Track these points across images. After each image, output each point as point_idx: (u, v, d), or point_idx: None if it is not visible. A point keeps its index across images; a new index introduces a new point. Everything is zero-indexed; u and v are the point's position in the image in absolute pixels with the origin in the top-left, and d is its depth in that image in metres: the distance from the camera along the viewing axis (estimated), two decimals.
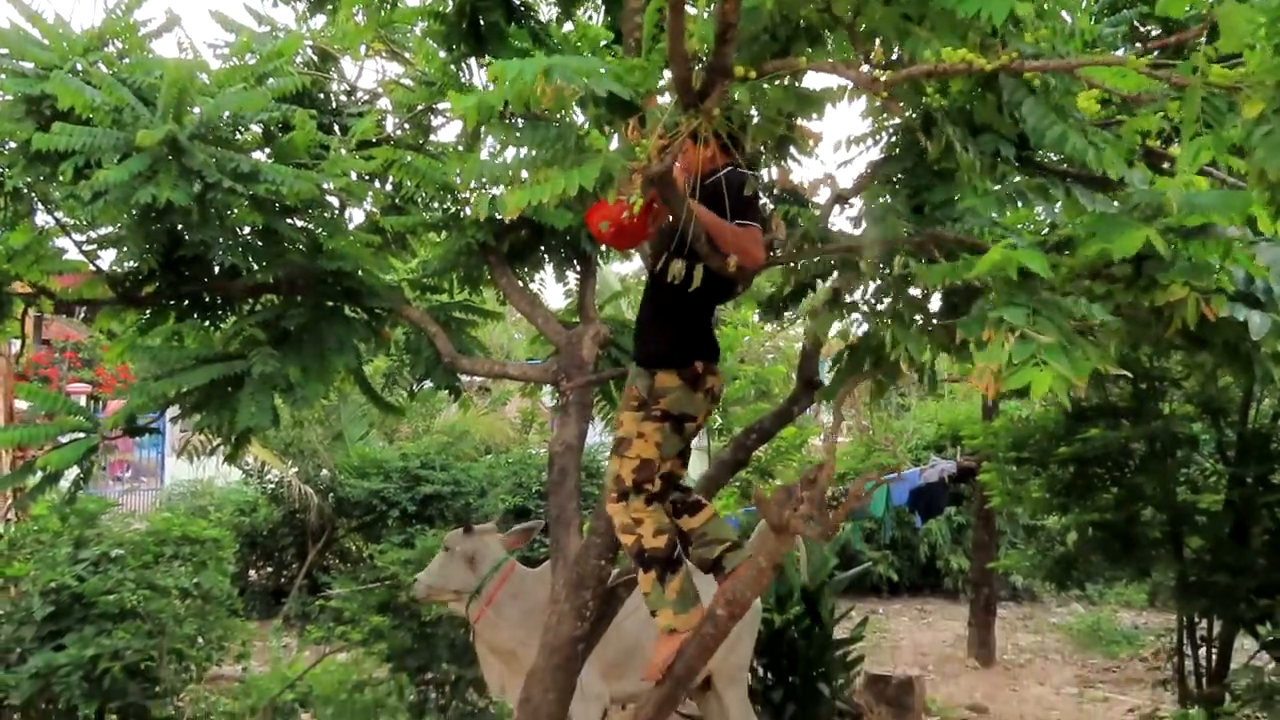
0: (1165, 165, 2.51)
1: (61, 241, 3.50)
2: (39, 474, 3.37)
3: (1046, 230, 2.95)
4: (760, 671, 5.75)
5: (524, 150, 2.16)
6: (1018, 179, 2.33)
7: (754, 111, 2.28)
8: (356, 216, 3.88)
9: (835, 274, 2.59)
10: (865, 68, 2.10)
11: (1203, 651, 5.44)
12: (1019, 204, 2.21)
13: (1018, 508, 7.02)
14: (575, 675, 3.15)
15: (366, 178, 3.62)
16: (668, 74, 2.18)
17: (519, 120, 2.29)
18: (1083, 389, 1.71)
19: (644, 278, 3.12)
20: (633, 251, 3.87)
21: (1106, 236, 1.87)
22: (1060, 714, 6.98)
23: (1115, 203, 2.11)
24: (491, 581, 4.38)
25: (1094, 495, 5.56)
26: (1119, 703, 7.16)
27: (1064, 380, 1.65)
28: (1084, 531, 5.69)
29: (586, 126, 2.18)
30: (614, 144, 2.21)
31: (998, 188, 2.32)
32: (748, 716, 4.84)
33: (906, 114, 2.34)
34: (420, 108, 3.71)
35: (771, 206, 3.63)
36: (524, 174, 2.10)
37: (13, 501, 5.40)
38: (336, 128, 3.79)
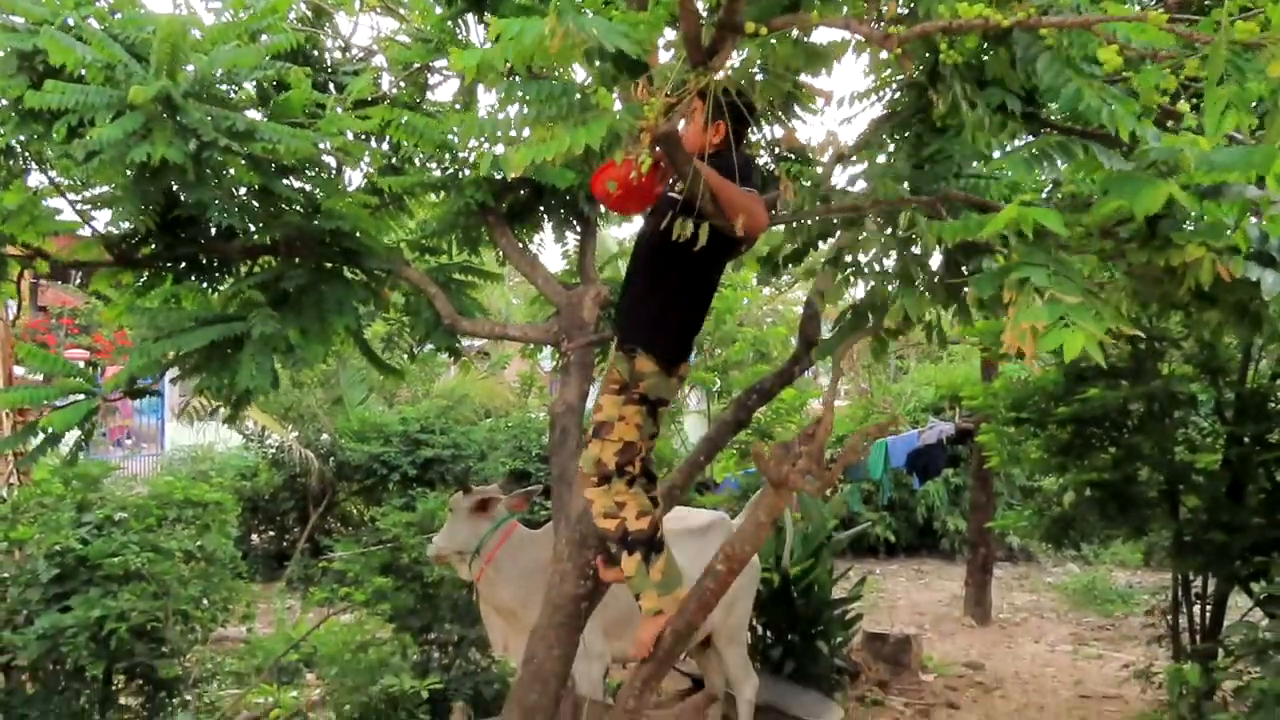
0: (1169, 124, 2.48)
1: (56, 202, 3.47)
2: (40, 436, 3.38)
3: (1050, 189, 2.93)
4: (759, 630, 5.82)
5: (525, 108, 2.12)
6: (1039, 137, 2.30)
7: (759, 69, 2.24)
8: (354, 179, 3.84)
9: (838, 234, 2.56)
10: (877, 23, 2.07)
11: (1197, 609, 5.50)
12: (1043, 164, 2.19)
13: (1015, 469, 7.06)
14: (578, 633, 3.18)
15: (363, 137, 3.58)
16: (670, 32, 2.14)
17: (517, 79, 2.26)
18: (1100, 350, 1.70)
19: None
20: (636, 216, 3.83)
21: (1125, 194, 1.84)
22: (1055, 670, 7.08)
23: (1129, 161, 2.08)
24: (491, 541, 4.42)
25: (1092, 455, 5.59)
26: (1113, 659, 7.26)
27: (1094, 339, 1.65)
28: (1081, 491, 5.72)
29: (590, 84, 2.14)
30: (617, 104, 2.18)
31: (1020, 147, 2.29)
32: (747, 673, 4.91)
33: (915, 70, 2.31)
34: (417, 66, 3.65)
35: (772, 167, 3.60)
36: (525, 132, 2.06)
37: (15, 465, 5.41)
38: (332, 86, 3.73)
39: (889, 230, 2.27)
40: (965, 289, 2.04)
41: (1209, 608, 5.43)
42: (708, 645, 4.86)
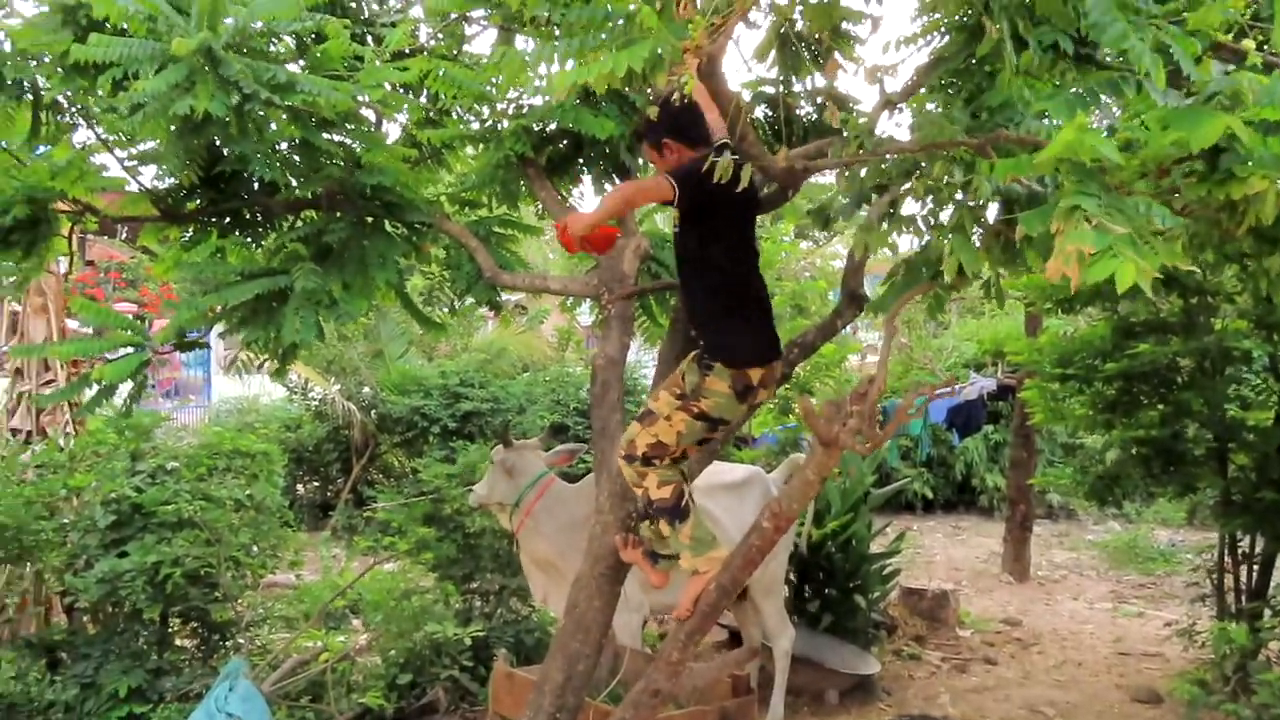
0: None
1: (103, 158, 3.51)
2: (94, 387, 3.46)
3: (1105, 135, 2.82)
4: (797, 584, 5.85)
5: (568, 40, 2.08)
6: (1085, 76, 2.21)
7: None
8: (393, 132, 3.83)
9: (891, 186, 2.50)
10: None
11: (1243, 569, 5.42)
12: (1088, 103, 2.10)
13: (1059, 425, 6.96)
14: (619, 584, 3.22)
15: (402, 89, 3.56)
16: None
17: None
18: (1149, 286, 1.63)
19: None
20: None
21: (1183, 126, 1.76)
22: (1094, 628, 7.05)
23: (1187, 98, 2.00)
24: (530, 494, 4.48)
25: (1139, 412, 5.49)
26: (1154, 618, 7.21)
27: (1145, 273, 1.58)
28: (1127, 448, 5.63)
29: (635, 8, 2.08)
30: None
31: (1064, 86, 2.20)
32: (783, 625, 4.95)
33: (966, 7, 2.22)
34: (454, 16, 3.61)
35: (815, 116, 3.52)
36: (569, 65, 2.03)
37: (71, 415, 5.57)
38: (369, 38, 3.71)
39: (946, 180, 2.20)
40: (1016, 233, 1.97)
41: (1256, 567, 5.34)
42: (744, 598, 4.91)
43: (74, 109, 3.40)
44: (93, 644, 4.56)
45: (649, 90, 3.29)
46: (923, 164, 2.32)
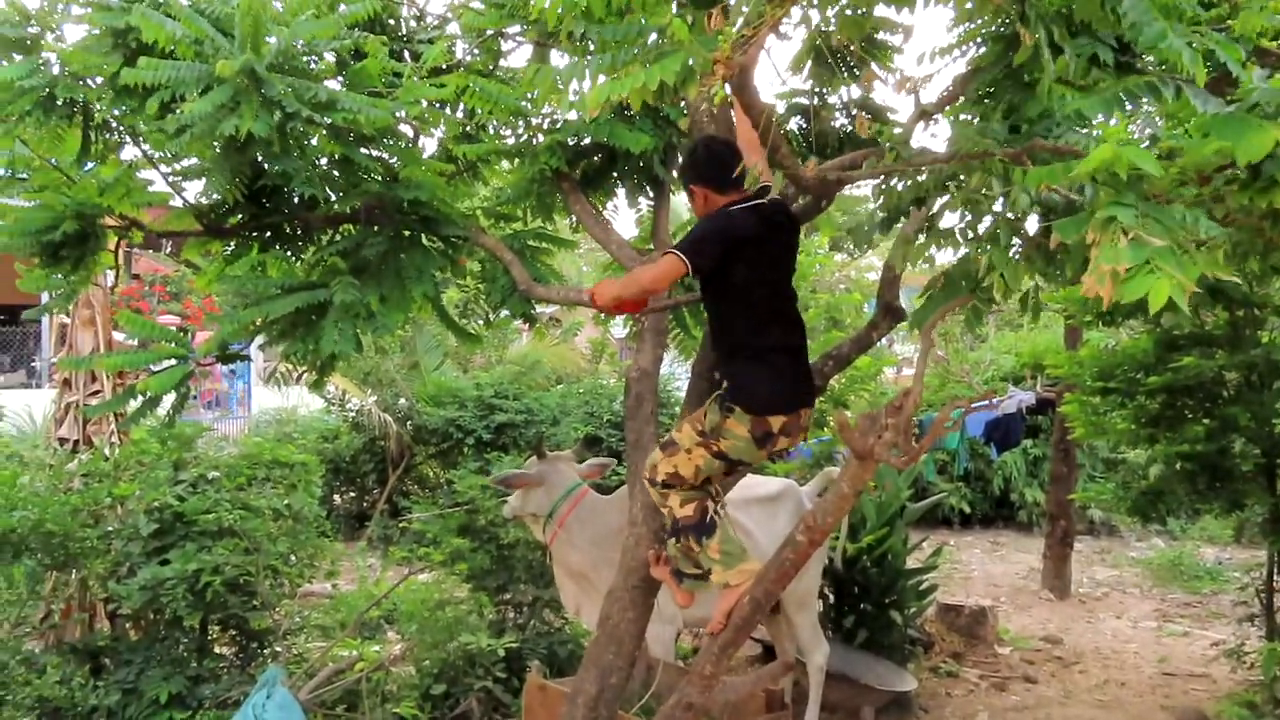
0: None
1: (149, 174, 3.60)
2: (139, 399, 3.54)
3: (1146, 144, 2.78)
4: (831, 599, 5.80)
5: (601, 55, 2.10)
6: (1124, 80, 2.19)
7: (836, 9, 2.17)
8: (429, 147, 3.89)
9: (928, 200, 2.48)
10: None
11: None
12: (1127, 105, 2.08)
13: (1100, 439, 6.83)
14: (653, 597, 3.22)
15: (439, 105, 3.61)
16: None
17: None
18: (1187, 301, 1.59)
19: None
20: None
21: (1227, 135, 1.73)
22: (1138, 647, 6.89)
23: (1229, 105, 1.96)
24: (564, 505, 4.49)
25: (1183, 426, 5.37)
26: (1200, 637, 7.03)
27: (1181, 288, 1.55)
28: (1171, 464, 5.52)
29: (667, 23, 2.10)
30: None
31: (1103, 87, 2.17)
32: (817, 640, 4.90)
33: (1003, 16, 2.21)
34: (490, 32, 3.66)
35: (850, 128, 3.51)
36: (601, 79, 2.04)
37: (116, 425, 5.69)
38: (407, 54, 3.78)
39: (984, 191, 2.18)
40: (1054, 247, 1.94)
41: None
42: (777, 612, 4.87)
43: (121, 128, 3.49)
44: (135, 650, 4.64)
45: (682, 103, 3.32)
46: (961, 177, 2.30)
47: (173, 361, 3.41)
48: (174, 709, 4.32)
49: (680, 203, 4.28)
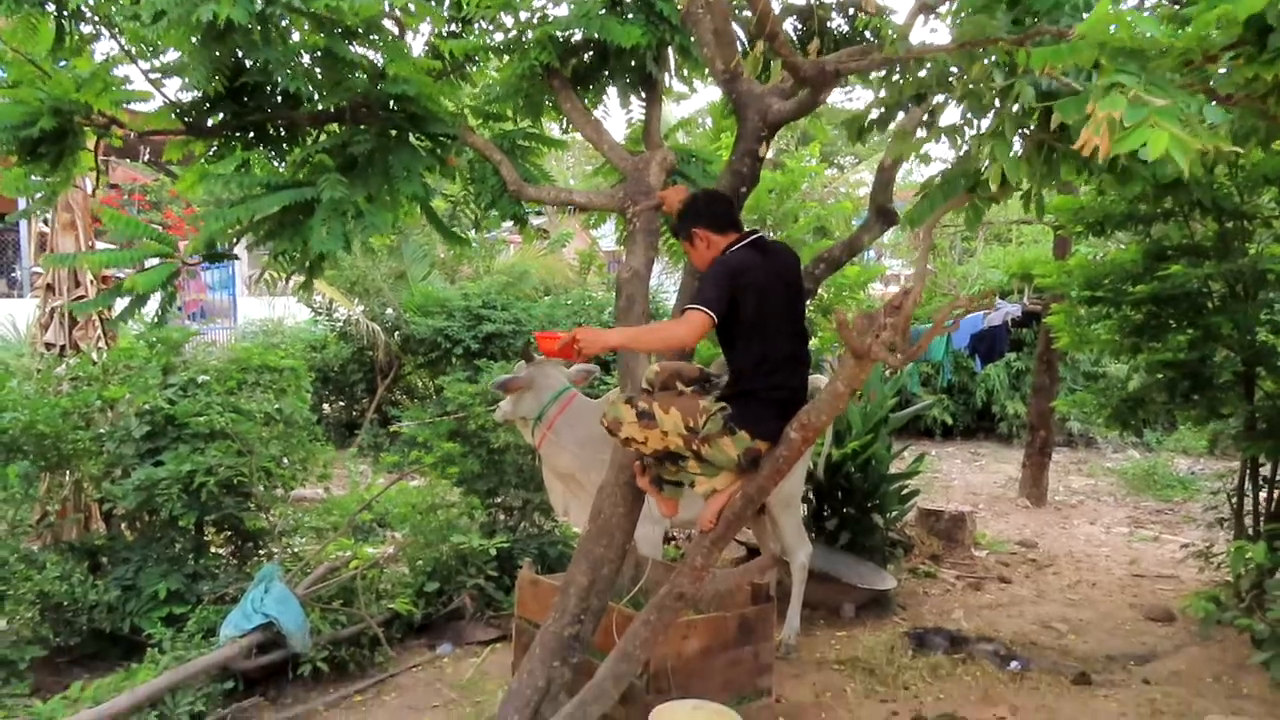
0: None
1: (127, 71, 3.50)
2: (125, 300, 3.52)
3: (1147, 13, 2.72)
4: (815, 503, 5.93)
5: None
6: None
7: None
8: (415, 46, 3.78)
9: (928, 95, 2.44)
10: None
11: (1264, 494, 5.43)
12: None
13: (1083, 351, 6.90)
14: (643, 492, 3.28)
15: None
16: None
17: None
18: (1212, 149, 1.54)
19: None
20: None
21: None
22: (1109, 550, 7.13)
23: None
24: (553, 408, 4.54)
25: (1167, 336, 5.44)
26: (1170, 542, 7.27)
27: (1180, 144, 1.53)
28: (1152, 373, 5.60)
29: None
30: None
31: None
32: (800, 540, 5.03)
33: None
34: None
35: (847, 28, 3.43)
36: None
37: (102, 328, 5.66)
38: None
39: (985, 85, 2.14)
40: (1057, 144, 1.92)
41: (1277, 491, 5.35)
42: (762, 512, 4.99)
43: (96, 18, 3.37)
44: (132, 549, 4.73)
45: None
46: (962, 72, 2.25)
47: (158, 259, 3.38)
48: (173, 604, 4.42)
49: (671, 107, 4.20)
